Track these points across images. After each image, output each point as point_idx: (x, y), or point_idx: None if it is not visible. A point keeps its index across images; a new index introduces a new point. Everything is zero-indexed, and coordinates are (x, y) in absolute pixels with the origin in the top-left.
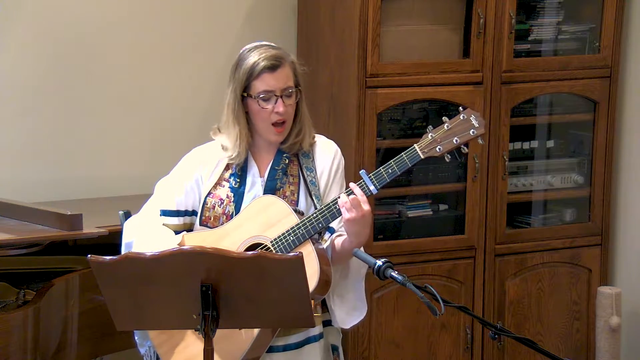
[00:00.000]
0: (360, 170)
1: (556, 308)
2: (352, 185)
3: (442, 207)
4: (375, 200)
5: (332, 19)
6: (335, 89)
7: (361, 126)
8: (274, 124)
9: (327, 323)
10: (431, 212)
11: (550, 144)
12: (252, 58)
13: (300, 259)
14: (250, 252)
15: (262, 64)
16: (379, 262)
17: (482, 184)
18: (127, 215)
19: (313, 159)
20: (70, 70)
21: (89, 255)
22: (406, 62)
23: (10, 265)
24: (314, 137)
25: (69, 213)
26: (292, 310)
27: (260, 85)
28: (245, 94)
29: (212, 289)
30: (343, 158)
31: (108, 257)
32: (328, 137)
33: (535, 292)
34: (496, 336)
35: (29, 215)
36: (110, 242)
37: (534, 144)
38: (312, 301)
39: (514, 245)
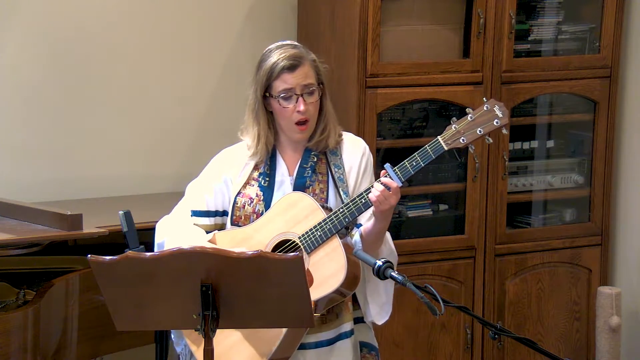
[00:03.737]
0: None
1: (556, 308)
2: (382, 180)
3: (442, 207)
4: None
5: (332, 19)
6: (335, 88)
7: (361, 126)
8: (297, 123)
9: (357, 320)
10: (431, 212)
11: (550, 144)
12: (272, 58)
13: (300, 259)
14: (250, 252)
15: (282, 64)
16: (379, 262)
17: (482, 184)
18: (127, 215)
19: (340, 157)
20: (70, 70)
21: (89, 255)
22: (406, 62)
23: (10, 265)
24: (340, 134)
25: (69, 213)
26: (292, 310)
27: (280, 85)
28: (267, 94)
29: (212, 289)
30: (371, 155)
31: (108, 257)
32: None
33: (535, 292)
34: (496, 336)
35: (29, 215)
36: (110, 242)
37: (534, 144)
38: (343, 296)
39: (514, 245)
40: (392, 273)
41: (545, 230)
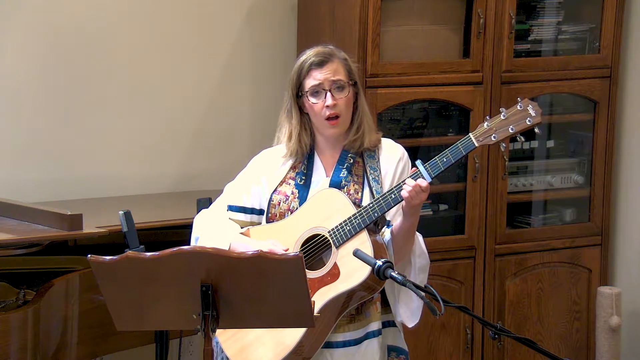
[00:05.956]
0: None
1: (556, 308)
2: (413, 177)
3: (442, 207)
4: None
5: (332, 19)
6: None
7: None
8: (327, 118)
9: (386, 324)
10: (431, 212)
11: (550, 144)
12: (302, 57)
13: (300, 259)
14: (250, 252)
15: (310, 60)
16: (379, 262)
17: (482, 184)
18: (127, 215)
19: (378, 160)
20: (71, 70)
21: (89, 255)
22: (406, 62)
23: (10, 265)
24: (379, 138)
25: (69, 213)
26: (292, 310)
27: (309, 82)
28: (299, 93)
29: (212, 289)
30: (409, 161)
31: (108, 257)
32: None
33: (535, 292)
34: (496, 336)
35: (29, 215)
36: (110, 242)
37: (534, 144)
38: (372, 291)
39: (514, 245)
40: (392, 273)
41: (545, 230)
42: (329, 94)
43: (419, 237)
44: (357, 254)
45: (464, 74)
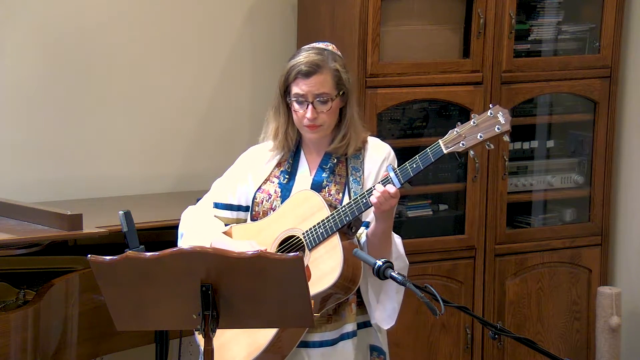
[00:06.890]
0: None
1: (556, 308)
2: (382, 183)
3: (442, 207)
4: None
5: (332, 19)
6: None
7: None
8: (307, 126)
9: (362, 325)
10: (431, 212)
11: (550, 144)
12: (293, 60)
13: (300, 259)
14: (250, 252)
15: (297, 68)
16: (379, 262)
17: (482, 184)
18: (127, 215)
19: (362, 160)
20: (71, 70)
21: (89, 255)
22: (406, 62)
23: (10, 265)
24: (365, 140)
25: (69, 213)
26: (292, 310)
27: (294, 89)
28: (287, 95)
29: (212, 289)
30: (396, 160)
31: (108, 257)
32: None
33: (535, 292)
34: (496, 336)
35: (29, 215)
36: (110, 242)
37: (534, 144)
38: (346, 292)
39: (514, 245)
40: (392, 273)
41: (545, 230)
42: (310, 106)
43: (397, 239)
44: (356, 254)
45: (464, 74)
